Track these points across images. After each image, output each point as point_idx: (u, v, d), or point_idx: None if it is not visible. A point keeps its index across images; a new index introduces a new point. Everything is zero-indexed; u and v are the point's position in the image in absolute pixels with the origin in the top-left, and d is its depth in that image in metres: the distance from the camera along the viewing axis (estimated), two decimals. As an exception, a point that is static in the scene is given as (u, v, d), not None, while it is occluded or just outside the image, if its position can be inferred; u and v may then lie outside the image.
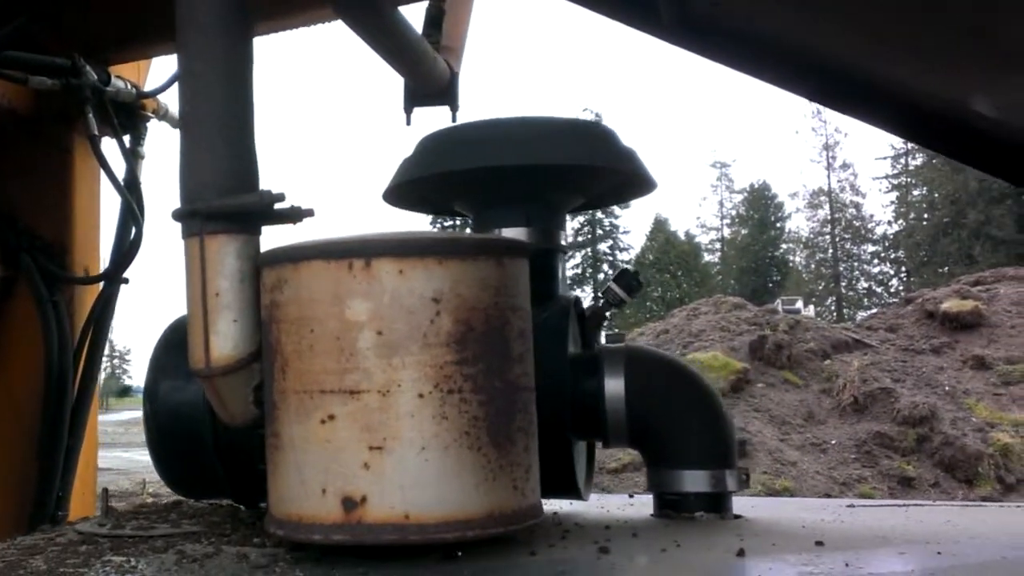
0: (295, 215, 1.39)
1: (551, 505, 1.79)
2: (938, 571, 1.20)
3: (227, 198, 1.36)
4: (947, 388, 10.77)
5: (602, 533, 1.47)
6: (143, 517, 1.62)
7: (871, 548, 1.33)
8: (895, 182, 47.43)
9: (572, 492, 1.65)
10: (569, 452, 1.60)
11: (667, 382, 1.66)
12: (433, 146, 1.74)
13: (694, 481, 1.60)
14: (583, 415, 1.62)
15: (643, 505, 1.75)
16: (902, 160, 46.84)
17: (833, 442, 10.03)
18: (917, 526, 1.61)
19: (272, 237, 1.41)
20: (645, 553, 1.32)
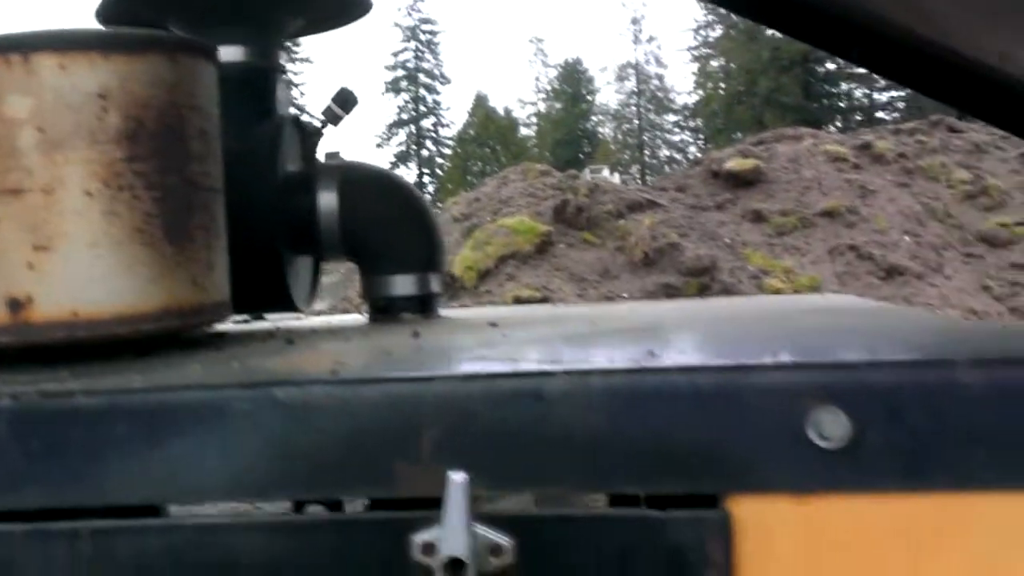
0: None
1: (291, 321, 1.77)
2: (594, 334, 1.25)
3: None
4: (727, 241, 11.32)
5: (306, 334, 1.47)
6: None
7: (535, 326, 1.38)
8: (696, 54, 48.59)
9: (287, 306, 1.63)
10: (280, 266, 1.58)
11: (379, 195, 1.66)
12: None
13: (403, 285, 1.62)
14: (299, 231, 1.60)
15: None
16: (703, 32, 47.91)
17: (625, 295, 10.44)
18: (629, 313, 1.67)
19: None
20: (332, 341, 1.33)
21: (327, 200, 1.60)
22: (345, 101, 1.72)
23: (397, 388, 0.96)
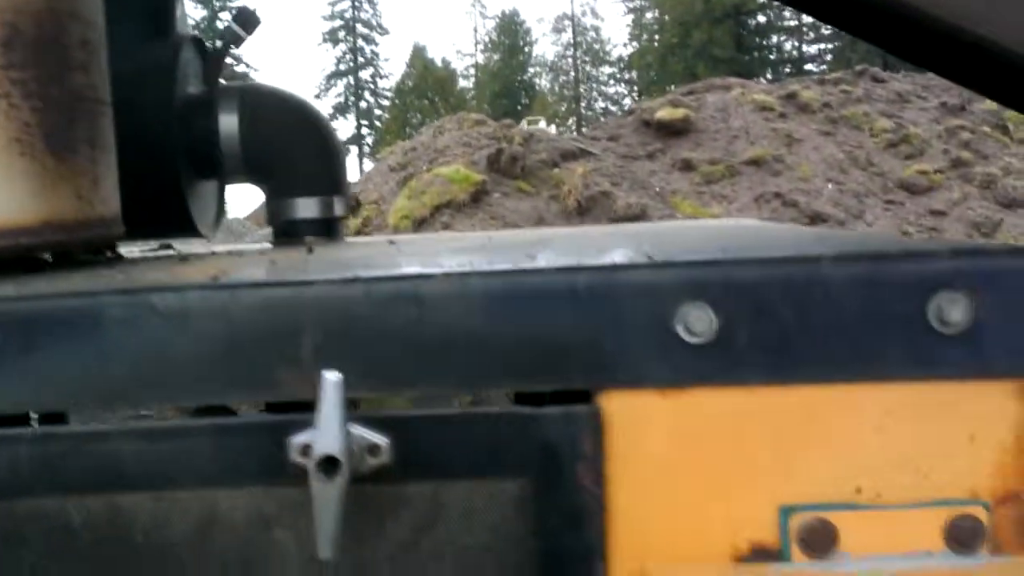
0: None
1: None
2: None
3: None
4: (658, 189, 11.39)
5: (204, 255, 1.44)
6: None
7: (433, 243, 1.37)
8: (631, 6, 48.46)
9: (190, 230, 1.60)
10: (180, 189, 1.54)
11: (281, 117, 1.62)
12: None
13: (305, 208, 1.59)
14: (200, 153, 1.56)
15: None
16: (638, -17, 47.79)
17: (558, 240, 10.45)
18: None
19: None
20: (225, 259, 1.30)
21: (228, 122, 1.56)
22: (246, 22, 1.67)
23: (276, 293, 0.94)
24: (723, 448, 0.88)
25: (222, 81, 1.65)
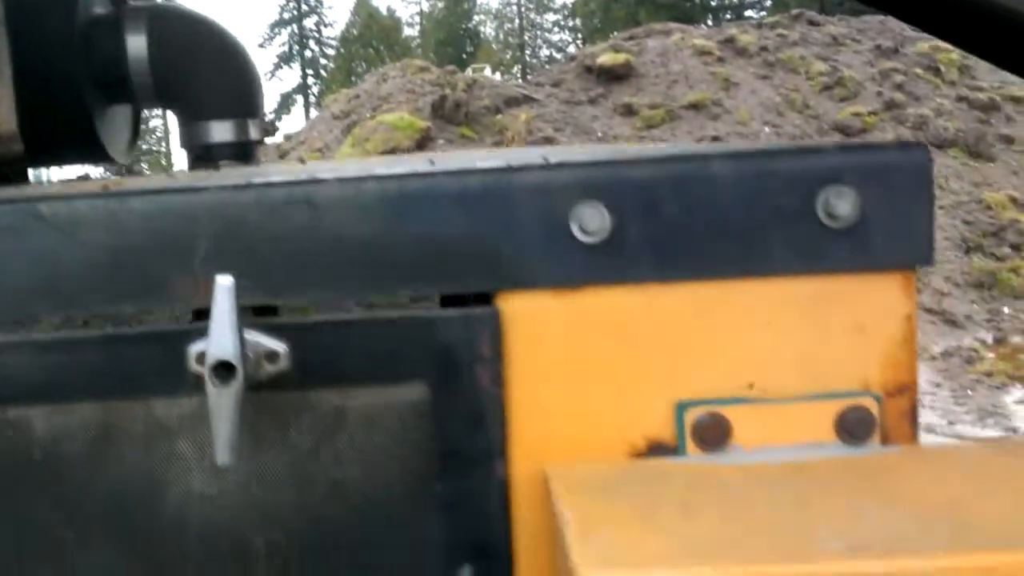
0: None
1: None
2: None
3: None
4: (600, 134, 11.37)
5: (110, 181, 1.40)
6: None
7: (345, 162, 1.34)
8: (574, -47, 47.98)
9: (100, 155, 1.55)
10: (88, 112, 1.48)
11: (192, 38, 1.57)
12: None
13: (220, 131, 1.55)
14: (108, 76, 1.50)
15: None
16: (580, -69, 47.27)
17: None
18: None
19: None
20: (131, 179, 1.27)
21: (136, 43, 1.50)
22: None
23: (167, 199, 0.91)
24: (618, 347, 0.87)
25: (129, 1, 1.59)
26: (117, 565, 0.91)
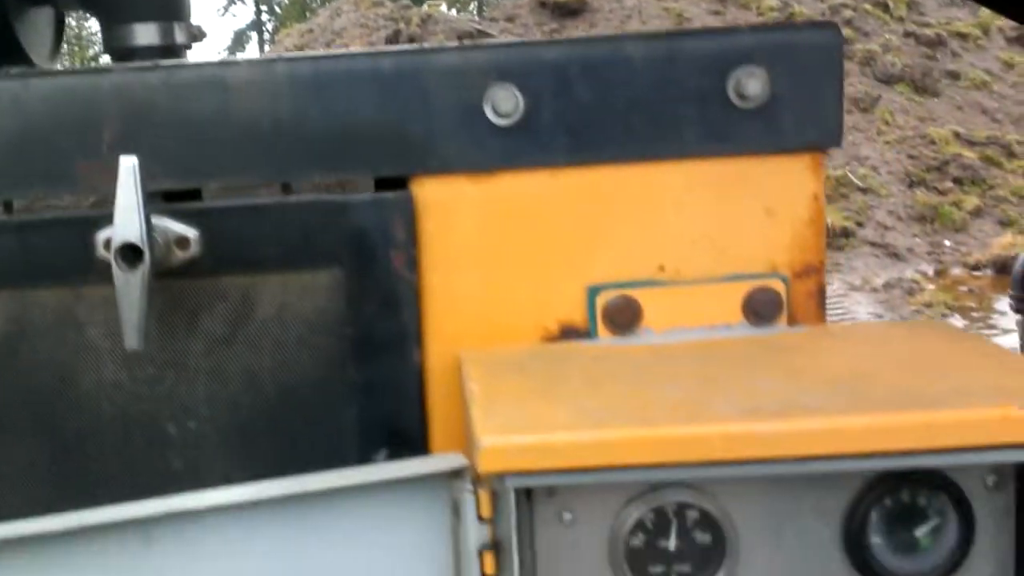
0: None
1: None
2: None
3: None
4: (554, 67, 11.25)
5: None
6: None
7: None
8: None
9: (20, 58, 1.48)
10: (4, 13, 1.42)
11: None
12: None
13: (144, 34, 1.49)
14: (26, -24, 1.44)
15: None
16: None
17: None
18: None
19: None
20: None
21: (54, -58, 1.44)
22: None
23: (72, 81, 0.88)
24: (531, 232, 0.86)
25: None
26: (31, 455, 0.90)
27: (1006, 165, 9.94)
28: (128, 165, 0.80)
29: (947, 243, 9.00)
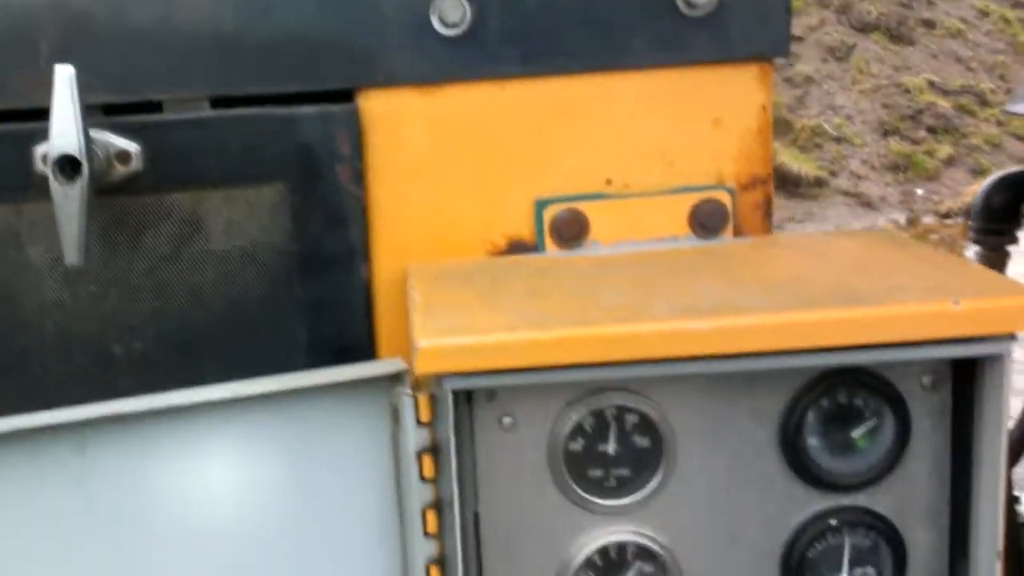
0: None
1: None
2: None
3: None
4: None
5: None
6: None
7: None
8: None
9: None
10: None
11: None
12: None
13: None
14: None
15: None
16: None
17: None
18: None
19: None
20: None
21: None
22: None
23: None
24: (479, 145, 0.86)
25: None
26: None
27: (979, 114, 9.97)
28: (64, 75, 0.78)
29: (919, 192, 9.04)
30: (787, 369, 0.68)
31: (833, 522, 0.73)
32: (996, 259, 1.62)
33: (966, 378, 0.69)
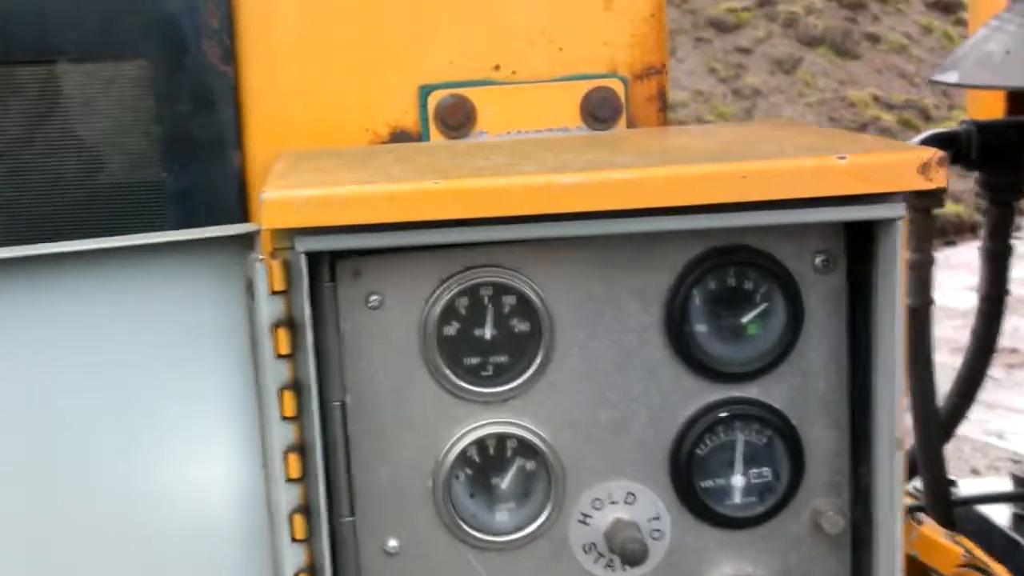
0: None
1: None
2: None
3: None
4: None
5: None
6: None
7: None
8: None
9: None
10: None
11: None
12: None
13: None
14: None
15: None
16: None
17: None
18: None
19: None
20: None
21: None
22: None
23: None
24: (360, 26, 0.81)
25: None
26: None
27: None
28: None
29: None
30: (669, 242, 0.64)
31: (723, 414, 0.68)
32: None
33: (861, 258, 0.66)
